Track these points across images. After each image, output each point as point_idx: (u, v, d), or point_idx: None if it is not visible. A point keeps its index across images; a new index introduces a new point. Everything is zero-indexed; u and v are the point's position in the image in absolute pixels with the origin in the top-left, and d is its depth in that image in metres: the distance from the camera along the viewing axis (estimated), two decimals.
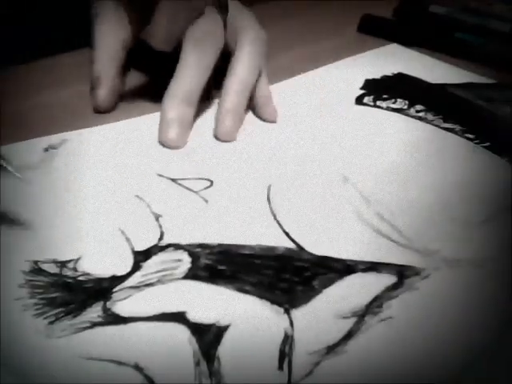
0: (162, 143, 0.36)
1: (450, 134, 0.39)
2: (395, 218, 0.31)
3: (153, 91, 0.37)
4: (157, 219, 0.30)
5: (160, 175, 0.33)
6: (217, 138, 0.37)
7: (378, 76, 0.46)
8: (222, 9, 0.37)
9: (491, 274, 0.27)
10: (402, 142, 0.38)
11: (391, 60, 0.50)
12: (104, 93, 0.38)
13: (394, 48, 0.52)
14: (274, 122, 0.39)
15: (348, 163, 0.35)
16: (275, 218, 0.30)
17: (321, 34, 0.52)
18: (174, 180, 0.33)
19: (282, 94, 0.42)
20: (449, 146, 0.38)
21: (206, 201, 0.31)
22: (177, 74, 0.36)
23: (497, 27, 0.52)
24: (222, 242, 0.29)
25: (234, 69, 0.38)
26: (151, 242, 0.28)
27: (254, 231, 0.29)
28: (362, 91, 0.44)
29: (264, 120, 0.39)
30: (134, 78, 0.41)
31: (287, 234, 0.29)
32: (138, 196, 0.31)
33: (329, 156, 0.36)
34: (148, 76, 0.37)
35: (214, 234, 0.29)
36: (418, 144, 0.37)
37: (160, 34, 0.36)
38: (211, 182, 0.33)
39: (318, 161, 0.35)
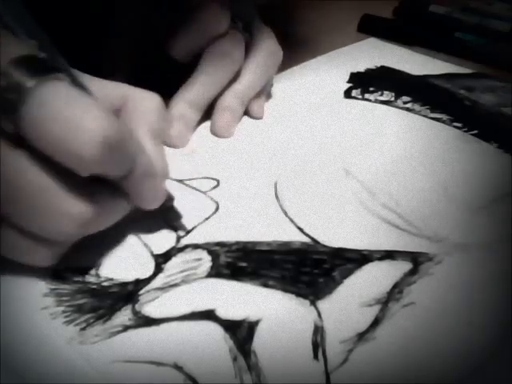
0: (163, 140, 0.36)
1: (438, 123, 0.40)
2: (401, 207, 0.32)
3: (165, 94, 0.37)
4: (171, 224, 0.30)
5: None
6: (213, 133, 0.38)
7: (360, 69, 0.47)
8: (247, 32, 0.38)
9: (499, 256, 0.29)
10: (396, 134, 0.39)
11: (370, 53, 0.51)
12: None
13: (370, 42, 0.54)
14: (260, 118, 0.40)
15: (347, 156, 0.36)
16: (286, 214, 0.31)
17: (321, 34, 0.52)
18: (180, 181, 0.33)
19: (272, 89, 0.43)
20: (440, 136, 0.39)
21: (216, 201, 0.32)
22: (189, 81, 0.37)
23: (497, 27, 0.53)
24: (238, 240, 0.29)
25: (242, 76, 0.38)
26: (169, 244, 0.29)
27: (268, 228, 0.30)
28: (349, 84, 0.45)
29: (251, 117, 0.40)
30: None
31: (301, 230, 0.30)
32: None
33: (328, 150, 0.37)
34: (161, 80, 0.37)
35: (229, 233, 0.29)
36: (411, 134, 0.39)
37: (181, 47, 0.37)
38: (218, 181, 0.33)
39: (318, 156, 0.36)
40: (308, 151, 0.36)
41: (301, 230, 0.30)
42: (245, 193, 0.33)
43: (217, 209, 0.31)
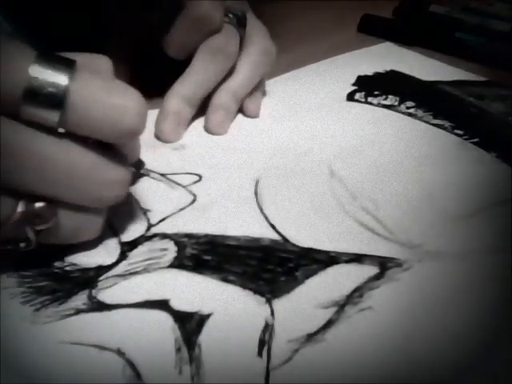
0: (157, 135, 0.36)
1: (439, 130, 0.39)
2: (380, 211, 0.31)
3: (159, 89, 0.38)
4: (145, 213, 0.30)
5: (150, 170, 0.33)
6: (207, 130, 0.38)
7: (370, 73, 0.47)
8: (241, 27, 0.38)
9: (473, 266, 0.28)
10: (391, 138, 0.38)
11: (385, 58, 0.50)
12: None
13: (388, 46, 0.53)
14: (255, 117, 0.40)
15: (336, 158, 0.35)
16: (262, 211, 0.31)
17: (321, 34, 0.52)
18: (163, 175, 0.33)
19: (274, 89, 0.42)
20: (438, 142, 0.38)
21: (194, 195, 0.32)
22: (184, 76, 0.37)
23: (497, 27, 0.53)
24: (208, 233, 0.29)
25: (236, 72, 0.38)
26: (138, 233, 0.29)
27: (241, 223, 0.30)
28: (354, 87, 0.44)
29: (246, 115, 0.40)
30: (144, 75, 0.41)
31: (273, 227, 0.30)
32: None
33: (317, 151, 0.36)
34: (158, 75, 0.38)
35: (200, 226, 0.29)
36: (407, 140, 0.38)
37: (176, 44, 0.37)
38: (200, 176, 0.33)
39: (306, 155, 0.36)
40: (298, 150, 0.36)
41: (273, 227, 0.30)
42: (225, 188, 0.32)
43: (193, 201, 0.31)
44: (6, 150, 0.22)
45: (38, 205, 0.24)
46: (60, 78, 0.22)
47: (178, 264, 0.27)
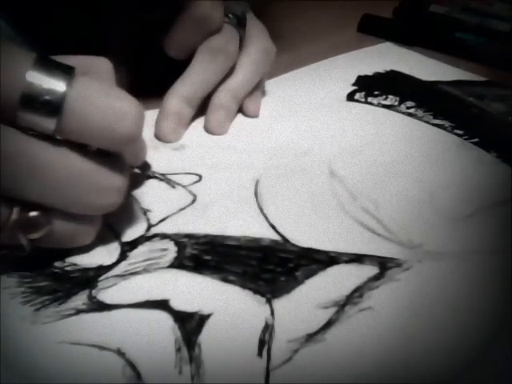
0: (157, 135, 0.36)
1: (439, 130, 0.39)
2: (380, 211, 0.31)
3: (159, 89, 0.38)
4: (145, 213, 0.30)
5: (155, 172, 0.33)
6: (207, 130, 0.38)
7: (370, 73, 0.47)
8: (241, 27, 0.38)
9: (473, 267, 0.28)
10: (391, 138, 0.38)
11: (385, 58, 0.50)
12: None
13: (388, 46, 0.53)
14: (255, 117, 0.40)
15: (336, 158, 0.35)
16: (262, 211, 0.31)
17: (321, 34, 0.52)
18: (163, 175, 0.33)
19: (274, 89, 0.43)
20: (438, 142, 0.38)
21: (194, 195, 0.32)
22: (184, 76, 0.37)
23: (497, 27, 0.53)
24: (208, 233, 0.29)
25: (236, 72, 0.38)
26: (138, 233, 0.29)
27: (241, 223, 0.30)
28: (354, 87, 0.44)
29: (246, 115, 0.40)
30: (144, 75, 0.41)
31: (273, 227, 0.30)
32: None
33: (317, 151, 0.36)
34: (158, 75, 0.38)
35: (200, 226, 0.29)
36: (407, 140, 0.38)
37: (176, 44, 0.37)
38: (200, 176, 0.33)
39: (306, 155, 0.36)
40: (298, 150, 0.36)
41: (273, 227, 0.30)
42: (225, 188, 0.32)
43: (193, 201, 0.31)
44: (1, 156, 0.21)
45: (32, 213, 0.23)
46: (57, 85, 0.22)
47: (178, 264, 0.27)
